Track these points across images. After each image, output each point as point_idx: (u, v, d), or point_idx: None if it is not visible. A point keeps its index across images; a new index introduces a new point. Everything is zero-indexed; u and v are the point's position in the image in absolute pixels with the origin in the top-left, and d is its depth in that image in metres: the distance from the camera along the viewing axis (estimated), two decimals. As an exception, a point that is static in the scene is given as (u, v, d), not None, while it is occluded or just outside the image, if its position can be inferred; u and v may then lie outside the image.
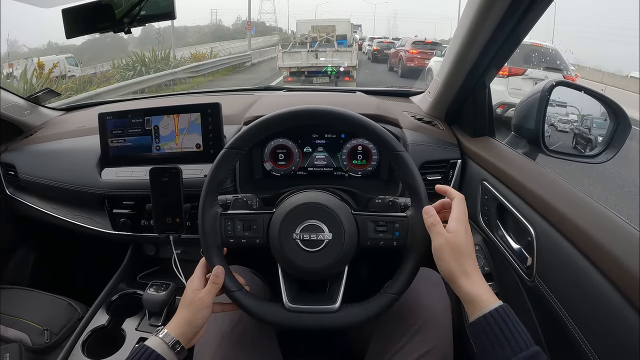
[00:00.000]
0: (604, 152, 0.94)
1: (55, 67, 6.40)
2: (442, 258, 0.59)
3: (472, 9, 0.80)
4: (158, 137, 1.04)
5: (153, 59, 10.95)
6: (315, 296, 0.73)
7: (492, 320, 0.54)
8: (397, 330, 0.76)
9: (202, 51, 16.07)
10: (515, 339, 0.52)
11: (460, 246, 0.59)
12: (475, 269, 0.60)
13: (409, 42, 12.88)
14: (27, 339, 1.03)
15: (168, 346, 0.63)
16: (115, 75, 10.39)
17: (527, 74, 5.35)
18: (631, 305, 0.51)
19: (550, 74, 5.26)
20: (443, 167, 1.05)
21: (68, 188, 1.13)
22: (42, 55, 17.54)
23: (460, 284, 0.58)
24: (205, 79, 11.33)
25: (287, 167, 1.10)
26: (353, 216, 0.72)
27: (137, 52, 11.28)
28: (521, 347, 0.51)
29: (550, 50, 5.76)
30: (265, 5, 72.50)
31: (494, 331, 0.53)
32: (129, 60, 10.72)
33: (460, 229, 0.60)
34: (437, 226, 0.62)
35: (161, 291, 1.07)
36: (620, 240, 0.57)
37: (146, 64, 10.62)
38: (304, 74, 7.96)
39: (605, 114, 0.97)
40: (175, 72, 9.80)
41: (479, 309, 0.56)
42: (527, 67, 5.35)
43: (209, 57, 13.72)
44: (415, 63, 11.62)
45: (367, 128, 0.71)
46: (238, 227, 0.73)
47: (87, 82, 8.95)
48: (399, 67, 12.88)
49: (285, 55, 7.94)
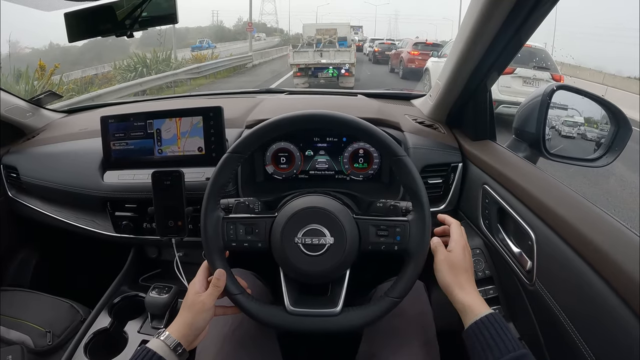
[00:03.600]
0: (604, 156, 0.94)
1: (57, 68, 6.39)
2: (440, 271, 0.69)
3: (473, 13, 0.81)
4: (160, 140, 1.05)
5: (154, 60, 10.97)
6: (316, 299, 0.74)
7: (483, 325, 0.60)
8: (385, 332, 0.79)
9: (203, 52, 16.01)
10: (503, 342, 0.58)
11: (457, 262, 0.69)
12: (469, 282, 0.68)
13: (410, 44, 12.87)
14: (30, 341, 1.03)
15: (170, 348, 0.63)
16: (117, 77, 10.37)
17: (517, 72, 5.66)
18: (630, 309, 0.51)
19: (539, 73, 5.76)
20: (444, 170, 1.05)
21: (70, 190, 1.13)
22: (43, 56, 17.51)
23: (455, 294, 0.66)
24: (206, 80, 11.31)
25: (289, 171, 1.10)
26: (354, 220, 0.72)
27: (139, 53, 11.27)
28: (509, 349, 0.57)
29: (540, 51, 6.07)
30: (266, 6, 72.66)
31: (484, 335, 0.59)
32: (130, 62, 10.71)
33: (457, 249, 0.70)
34: (440, 247, 0.71)
35: (163, 294, 1.07)
36: (620, 245, 0.57)
37: (147, 65, 10.64)
38: (310, 70, 9.41)
39: (605, 117, 0.97)
40: (177, 74, 9.79)
41: (472, 317, 0.62)
42: (517, 66, 5.63)
43: (210, 59, 13.70)
44: (416, 64, 11.56)
45: (369, 133, 0.72)
46: (240, 230, 0.73)
47: (89, 83, 8.94)
48: (400, 68, 12.86)
49: (295, 54, 9.46)
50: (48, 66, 5.81)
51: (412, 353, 0.76)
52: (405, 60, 12.38)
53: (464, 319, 0.64)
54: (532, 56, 5.84)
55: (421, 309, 0.86)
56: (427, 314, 0.86)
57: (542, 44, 6.45)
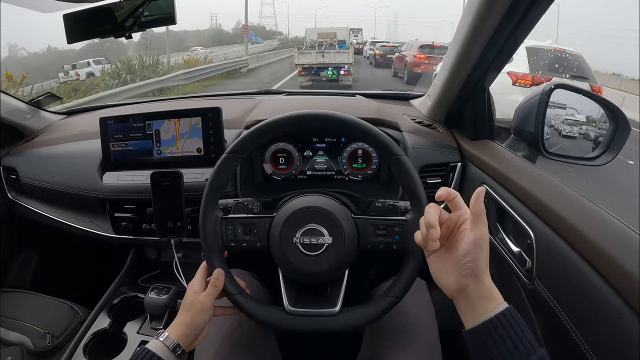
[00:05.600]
0: (603, 155, 0.94)
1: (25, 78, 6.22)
2: (475, 252, 0.56)
3: (471, 12, 0.81)
4: (159, 141, 1.05)
5: (140, 66, 10.42)
6: (315, 299, 0.74)
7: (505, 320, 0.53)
8: (387, 332, 0.79)
9: (195, 56, 15.53)
10: (526, 338, 0.51)
11: (486, 241, 0.57)
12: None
13: (415, 46, 11.68)
14: (29, 342, 1.03)
15: (169, 349, 0.63)
16: (100, 84, 9.97)
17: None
18: (631, 308, 0.51)
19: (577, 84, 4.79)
20: (443, 170, 1.05)
21: (69, 192, 1.13)
22: (41, 59, 17.44)
23: (485, 278, 0.56)
24: (195, 87, 10.40)
25: (288, 171, 1.10)
26: (353, 220, 0.72)
27: (124, 58, 10.73)
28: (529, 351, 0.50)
29: (575, 57, 5.12)
30: (265, 9, 72.79)
31: (509, 333, 0.52)
32: (115, 68, 10.22)
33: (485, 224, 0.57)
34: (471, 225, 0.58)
35: (162, 294, 1.07)
36: (620, 244, 0.57)
37: (133, 72, 10.10)
38: (313, 69, 10.46)
39: (604, 115, 0.97)
40: (161, 81, 9.04)
41: (494, 306, 0.54)
42: (552, 76, 4.68)
43: (202, 63, 13.23)
44: (422, 68, 10.70)
45: (367, 132, 0.72)
46: (239, 230, 0.73)
47: (72, 90, 8.66)
48: (404, 72, 11.85)
49: (300, 55, 10.60)
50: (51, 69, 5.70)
51: (414, 352, 0.76)
52: (410, 64, 11.37)
53: (487, 306, 0.55)
54: (568, 64, 4.97)
55: (423, 308, 0.86)
56: (429, 313, 0.85)
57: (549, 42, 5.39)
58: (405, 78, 11.70)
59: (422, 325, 0.82)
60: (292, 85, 10.62)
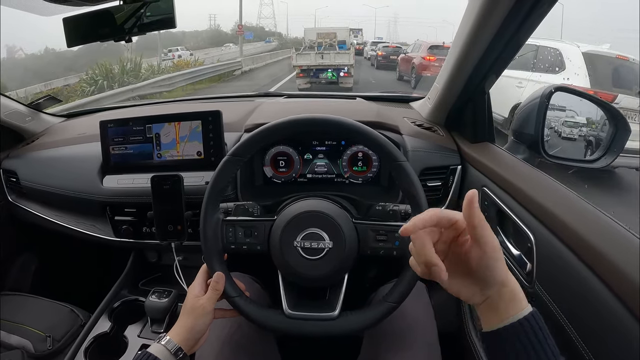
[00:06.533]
0: (603, 157, 0.94)
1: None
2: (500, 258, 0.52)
3: (472, 14, 0.81)
4: (159, 145, 1.05)
5: (120, 71, 9.73)
6: (315, 303, 0.74)
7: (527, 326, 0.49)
8: (386, 335, 0.79)
9: (186, 59, 14.85)
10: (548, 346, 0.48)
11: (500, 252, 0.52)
12: None
13: (424, 47, 10.52)
14: (30, 345, 1.03)
15: (170, 353, 0.63)
16: (77, 91, 9.25)
17: (619, 101, 3.51)
18: (630, 312, 0.51)
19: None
20: (443, 173, 1.05)
21: (69, 195, 1.13)
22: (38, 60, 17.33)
23: (510, 278, 0.52)
24: (183, 92, 9.39)
25: (288, 174, 1.10)
26: (354, 224, 0.72)
27: (103, 63, 9.78)
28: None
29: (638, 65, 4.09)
30: (264, 10, 72.81)
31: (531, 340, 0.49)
32: (92, 73, 9.43)
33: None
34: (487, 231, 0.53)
35: (163, 298, 1.07)
36: (620, 248, 0.57)
37: (110, 77, 9.44)
38: (312, 71, 9.93)
39: (604, 118, 0.97)
40: (139, 88, 8.17)
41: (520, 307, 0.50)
42: (618, 92, 3.65)
43: (193, 65, 12.47)
44: (432, 72, 9.31)
45: (368, 137, 0.72)
46: (239, 233, 0.73)
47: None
48: (411, 76, 10.71)
49: (298, 56, 10.02)
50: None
51: (413, 356, 0.76)
52: (417, 67, 10.17)
53: (509, 308, 0.51)
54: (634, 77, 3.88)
55: (423, 312, 0.86)
56: (428, 316, 0.85)
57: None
58: (412, 82, 10.50)
59: (422, 329, 0.82)
60: (290, 87, 10.32)
